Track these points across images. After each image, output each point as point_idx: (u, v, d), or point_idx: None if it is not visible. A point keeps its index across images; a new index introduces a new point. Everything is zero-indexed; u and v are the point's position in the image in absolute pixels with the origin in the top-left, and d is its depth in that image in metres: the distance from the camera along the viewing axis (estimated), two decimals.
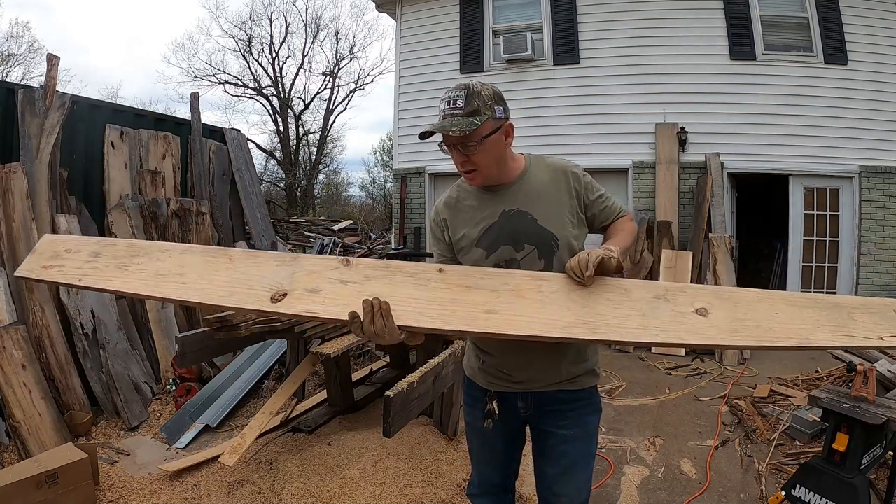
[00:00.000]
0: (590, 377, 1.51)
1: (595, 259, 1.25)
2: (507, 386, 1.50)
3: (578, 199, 1.46)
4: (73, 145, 4.86)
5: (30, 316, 3.81)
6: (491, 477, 1.68)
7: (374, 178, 22.24)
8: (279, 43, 19.44)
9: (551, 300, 1.29)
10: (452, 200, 1.52)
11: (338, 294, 1.31)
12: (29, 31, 20.72)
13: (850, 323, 1.27)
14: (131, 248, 1.43)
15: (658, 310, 1.29)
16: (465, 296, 1.30)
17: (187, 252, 1.41)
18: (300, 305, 1.30)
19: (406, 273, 1.34)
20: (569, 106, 6.60)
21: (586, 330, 1.26)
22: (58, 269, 1.41)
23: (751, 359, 4.95)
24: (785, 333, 1.25)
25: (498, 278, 1.33)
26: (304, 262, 1.38)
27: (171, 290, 1.35)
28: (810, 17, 5.99)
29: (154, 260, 1.39)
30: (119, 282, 1.38)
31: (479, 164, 1.37)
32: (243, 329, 2.76)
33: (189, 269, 1.37)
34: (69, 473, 2.62)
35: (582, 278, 1.25)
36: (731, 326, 1.26)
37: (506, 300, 1.29)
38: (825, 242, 6.03)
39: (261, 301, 1.31)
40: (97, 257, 1.42)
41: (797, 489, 2.24)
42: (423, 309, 1.28)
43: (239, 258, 1.39)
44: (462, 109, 1.31)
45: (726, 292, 1.32)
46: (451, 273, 1.35)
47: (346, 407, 3.58)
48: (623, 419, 3.69)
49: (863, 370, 2.34)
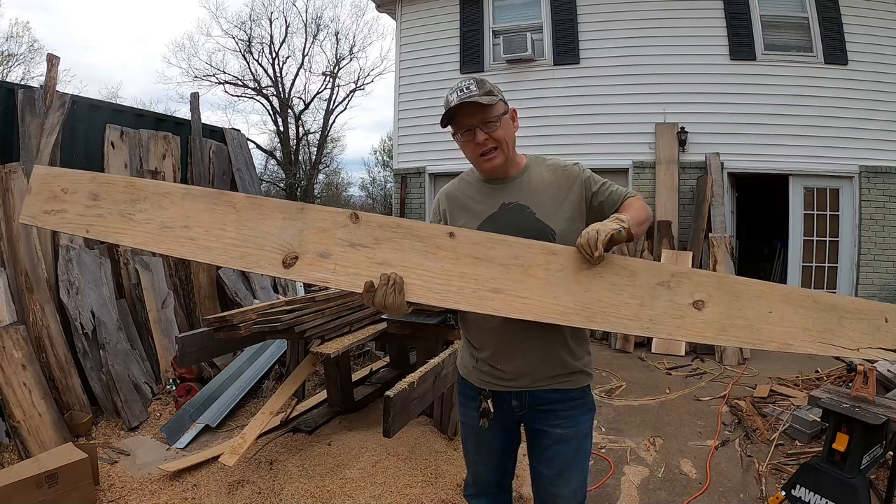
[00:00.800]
0: (583, 377, 1.51)
1: (605, 237, 1.25)
2: (500, 384, 1.50)
3: (583, 192, 1.47)
4: (73, 145, 4.86)
5: (30, 316, 3.81)
6: (487, 477, 1.68)
7: (375, 178, 22.28)
8: (279, 43, 19.51)
9: (557, 280, 1.30)
10: (455, 191, 1.55)
11: (348, 260, 1.32)
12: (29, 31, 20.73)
13: (836, 329, 1.30)
14: (129, 188, 1.37)
15: (657, 299, 1.30)
16: (473, 269, 1.31)
17: (188, 197, 1.35)
18: (312, 273, 1.31)
19: (415, 237, 1.33)
20: (569, 106, 6.61)
21: (583, 318, 1.29)
22: (60, 216, 1.38)
23: (751, 359, 4.95)
24: (768, 336, 1.29)
25: (508, 249, 1.32)
26: (311, 216, 1.34)
27: (180, 246, 1.34)
28: (810, 17, 5.99)
29: (157, 207, 1.35)
30: (127, 234, 1.35)
31: (500, 140, 1.41)
32: (243, 329, 2.75)
33: (195, 222, 1.34)
34: (69, 473, 2.62)
35: (591, 256, 1.26)
36: (720, 324, 1.29)
37: (512, 277, 1.30)
38: (825, 242, 6.04)
39: (273, 265, 1.31)
40: (97, 200, 1.37)
41: (797, 489, 2.24)
42: (431, 283, 1.30)
43: (243, 207, 1.34)
44: (477, 91, 1.38)
45: (729, 283, 1.32)
46: (462, 240, 1.33)
47: (346, 407, 3.58)
48: (623, 419, 3.69)
49: (863, 370, 2.33)
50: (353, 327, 3.25)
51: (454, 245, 1.32)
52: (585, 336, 1.53)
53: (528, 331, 1.41)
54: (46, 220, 1.39)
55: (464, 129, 1.41)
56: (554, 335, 1.44)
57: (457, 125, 1.42)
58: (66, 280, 4.06)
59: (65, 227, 1.39)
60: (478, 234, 1.36)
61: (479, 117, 1.38)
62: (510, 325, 1.41)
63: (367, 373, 4.25)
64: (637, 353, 5.25)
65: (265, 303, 3.57)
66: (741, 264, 6.45)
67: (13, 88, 4.52)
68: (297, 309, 3.06)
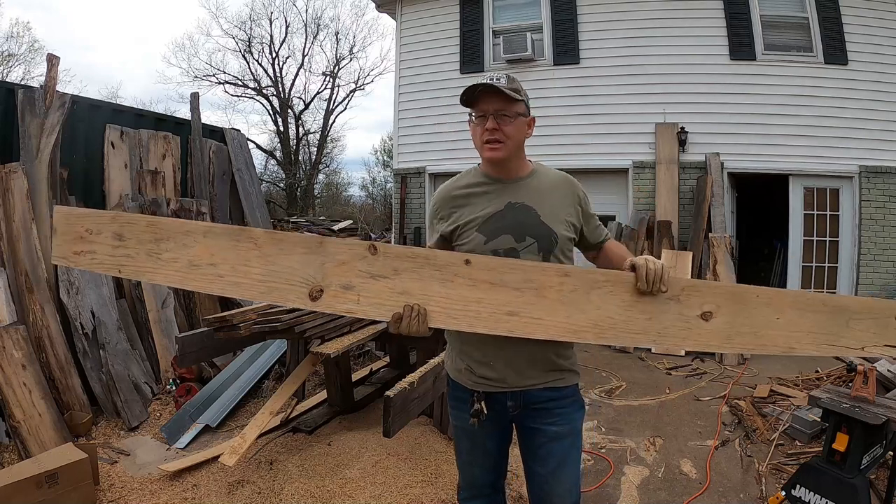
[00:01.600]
0: (573, 375, 1.55)
1: (667, 277, 1.32)
2: (494, 386, 1.50)
3: (580, 210, 1.54)
4: (73, 145, 4.86)
5: (30, 316, 3.81)
6: (483, 478, 1.68)
7: (375, 178, 22.26)
8: (279, 43, 19.47)
9: (569, 300, 1.35)
10: (457, 189, 1.56)
11: (370, 290, 1.37)
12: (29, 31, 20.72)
13: (843, 331, 1.33)
14: (152, 227, 1.41)
15: (666, 313, 1.34)
16: (489, 294, 1.35)
17: (210, 234, 1.40)
18: (338, 304, 1.37)
19: (433, 266, 1.37)
20: (569, 106, 6.60)
21: (593, 335, 1.35)
22: (91, 257, 1.42)
23: (751, 359, 4.95)
24: (772, 341, 1.34)
25: (523, 273, 1.36)
26: (330, 249, 1.38)
27: (211, 283, 1.39)
28: (810, 17, 5.99)
29: (181, 246, 1.39)
30: (158, 274, 1.40)
31: (508, 136, 1.44)
32: (243, 329, 2.75)
33: (220, 259, 1.38)
34: (69, 473, 2.62)
35: (648, 288, 1.31)
36: (726, 333, 1.34)
37: (527, 300, 1.35)
38: (825, 242, 6.03)
39: (301, 298, 1.37)
40: (122, 241, 1.41)
41: (797, 489, 2.24)
42: (450, 309, 1.35)
43: (264, 242, 1.38)
44: (506, 84, 1.42)
45: (739, 293, 1.36)
46: (478, 266, 1.37)
47: (346, 407, 3.58)
48: (623, 419, 3.69)
49: (863, 370, 2.34)
50: (353, 327, 3.25)
51: (470, 272, 1.36)
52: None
53: None
54: (79, 260, 1.44)
55: (479, 113, 1.45)
56: None
57: (475, 107, 1.45)
58: (66, 280, 4.06)
59: (97, 267, 1.44)
60: (492, 259, 1.39)
61: (497, 105, 1.42)
62: None
63: (367, 373, 4.25)
64: (637, 353, 5.25)
65: (265, 303, 3.57)
66: (741, 264, 6.45)
67: (13, 88, 4.52)
68: (297, 309, 3.06)
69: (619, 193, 6.54)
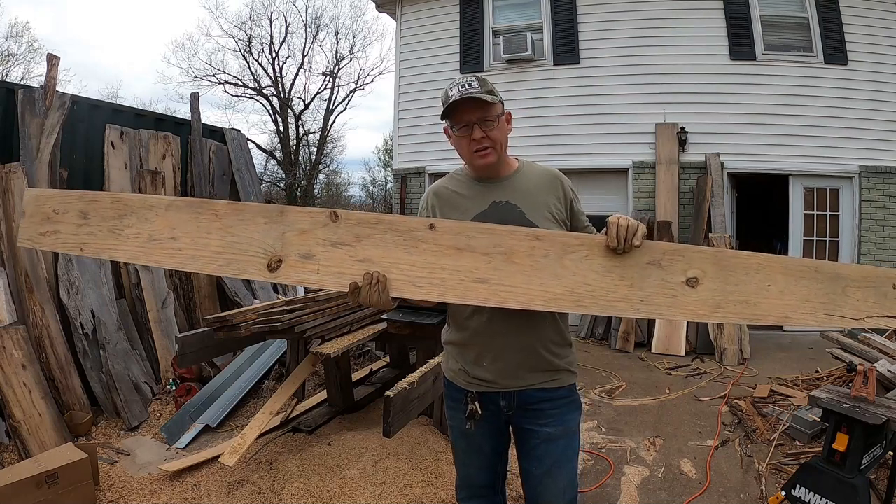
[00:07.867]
0: (568, 375, 1.53)
1: (643, 232, 1.26)
2: (487, 386, 1.50)
3: (567, 204, 1.52)
4: (73, 145, 4.86)
5: (30, 316, 3.81)
6: (480, 479, 1.68)
7: (375, 178, 22.27)
8: (279, 43, 19.48)
9: (542, 266, 1.28)
10: (444, 189, 1.56)
11: (331, 260, 1.31)
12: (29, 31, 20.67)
13: (840, 300, 1.24)
14: (116, 204, 1.40)
15: (648, 279, 1.27)
16: (455, 260, 1.29)
17: (172, 208, 1.37)
18: (297, 275, 1.31)
19: (396, 231, 1.32)
20: (569, 106, 6.60)
21: (570, 303, 1.27)
22: (55, 237, 1.41)
23: (751, 359, 4.95)
24: (766, 310, 1.24)
25: (491, 237, 1.30)
26: (291, 217, 1.34)
27: (169, 258, 1.36)
28: (810, 17, 5.99)
29: (143, 220, 1.37)
30: (119, 250, 1.38)
31: (496, 141, 1.44)
32: (243, 329, 2.75)
33: (181, 232, 1.35)
34: (69, 473, 2.62)
35: (618, 245, 1.25)
36: (715, 301, 1.25)
37: (496, 266, 1.28)
38: (825, 242, 6.04)
39: (259, 270, 1.32)
40: (87, 219, 1.39)
41: (797, 489, 2.24)
42: (414, 277, 1.29)
43: (225, 213, 1.35)
44: (480, 89, 1.39)
45: (726, 258, 1.28)
46: (443, 231, 1.31)
47: (346, 407, 3.58)
48: (623, 419, 3.69)
49: (863, 370, 2.33)
50: (353, 327, 3.26)
51: (435, 237, 1.30)
52: (567, 335, 1.55)
53: (511, 331, 1.43)
54: (43, 241, 1.43)
55: (462, 125, 1.42)
56: (536, 334, 1.46)
57: (456, 119, 1.43)
58: (66, 280, 4.06)
59: (60, 247, 1.42)
60: (458, 223, 1.34)
61: (479, 114, 1.40)
62: (493, 326, 1.43)
63: (367, 373, 4.25)
64: (637, 353, 5.25)
65: (265, 303, 3.57)
66: None
67: (13, 88, 4.51)
68: (297, 309, 3.06)
69: (619, 193, 6.54)
